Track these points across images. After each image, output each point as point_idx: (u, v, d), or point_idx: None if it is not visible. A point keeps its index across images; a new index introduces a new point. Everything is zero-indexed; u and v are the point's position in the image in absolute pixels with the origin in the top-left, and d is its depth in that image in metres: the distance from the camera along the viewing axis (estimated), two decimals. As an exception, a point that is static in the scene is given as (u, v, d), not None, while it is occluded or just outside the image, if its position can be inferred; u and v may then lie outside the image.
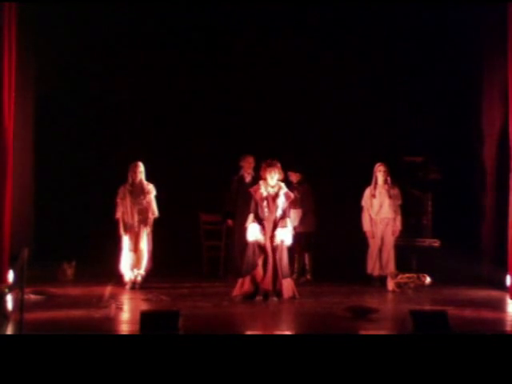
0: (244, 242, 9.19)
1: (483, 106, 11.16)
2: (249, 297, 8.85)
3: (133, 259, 9.69)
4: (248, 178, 10.42)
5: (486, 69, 11.00)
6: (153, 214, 9.77)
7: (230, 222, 10.50)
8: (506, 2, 9.02)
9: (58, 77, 11.61)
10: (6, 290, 7.55)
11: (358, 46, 11.73)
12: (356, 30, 11.68)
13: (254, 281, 8.89)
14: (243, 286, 8.92)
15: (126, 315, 8.08)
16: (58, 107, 11.64)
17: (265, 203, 8.94)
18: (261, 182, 9.06)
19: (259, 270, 8.88)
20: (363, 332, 7.20)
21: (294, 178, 10.41)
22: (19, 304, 6.82)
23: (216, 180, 11.17)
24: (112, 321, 7.71)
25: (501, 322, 7.84)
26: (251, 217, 8.98)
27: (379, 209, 10.18)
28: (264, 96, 11.85)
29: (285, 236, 8.93)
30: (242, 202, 10.02)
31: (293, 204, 9.47)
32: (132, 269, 9.66)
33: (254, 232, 8.93)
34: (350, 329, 7.30)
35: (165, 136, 11.99)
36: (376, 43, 11.74)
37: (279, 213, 8.94)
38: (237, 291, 8.94)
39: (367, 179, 10.30)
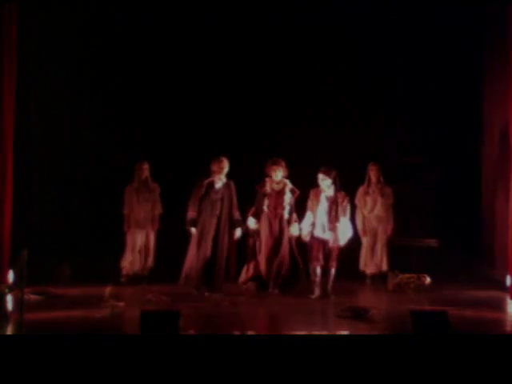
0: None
1: (483, 106, 11.17)
2: (252, 279, 9.14)
3: (135, 257, 9.76)
4: (218, 184, 9.18)
5: (487, 69, 11.00)
6: (158, 211, 9.93)
7: (192, 230, 9.11)
8: (506, 2, 9.03)
9: (57, 77, 11.61)
10: (6, 290, 7.56)
11: (358, 46, 11.72)
12: (356, 29, 11.67)
13: (257, 266, 9.14)
14: (248, 271, 9.21)
15: (126, 315, 8.08)
16: (58, 107, 11.63)
17: (268, 198, 9.25)
18: (266, 179, 9.34)
19: (262, 256, 9.14)
20: (363, 332, 7.20)
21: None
22: (19, 304, 6.82)
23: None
24: (112, 321, 7.71)
25: (501, 322, 7.84)
26: (252, 210, 9.31)
27: (372, 207, 10.27)
28: (264, 97, 11.84)
29: (296, 230, 9.19)
30: (209, 209, 9.11)
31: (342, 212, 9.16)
32: (134, 267, 9.72)
33: (250, 222, 9.26)
34: (349, 329, 7.30)
35: (164, 136, 11.98)
36: (376, 43, 11.72)
37: (287, 208, 9.24)
38: (243, 277, 9.22)
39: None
